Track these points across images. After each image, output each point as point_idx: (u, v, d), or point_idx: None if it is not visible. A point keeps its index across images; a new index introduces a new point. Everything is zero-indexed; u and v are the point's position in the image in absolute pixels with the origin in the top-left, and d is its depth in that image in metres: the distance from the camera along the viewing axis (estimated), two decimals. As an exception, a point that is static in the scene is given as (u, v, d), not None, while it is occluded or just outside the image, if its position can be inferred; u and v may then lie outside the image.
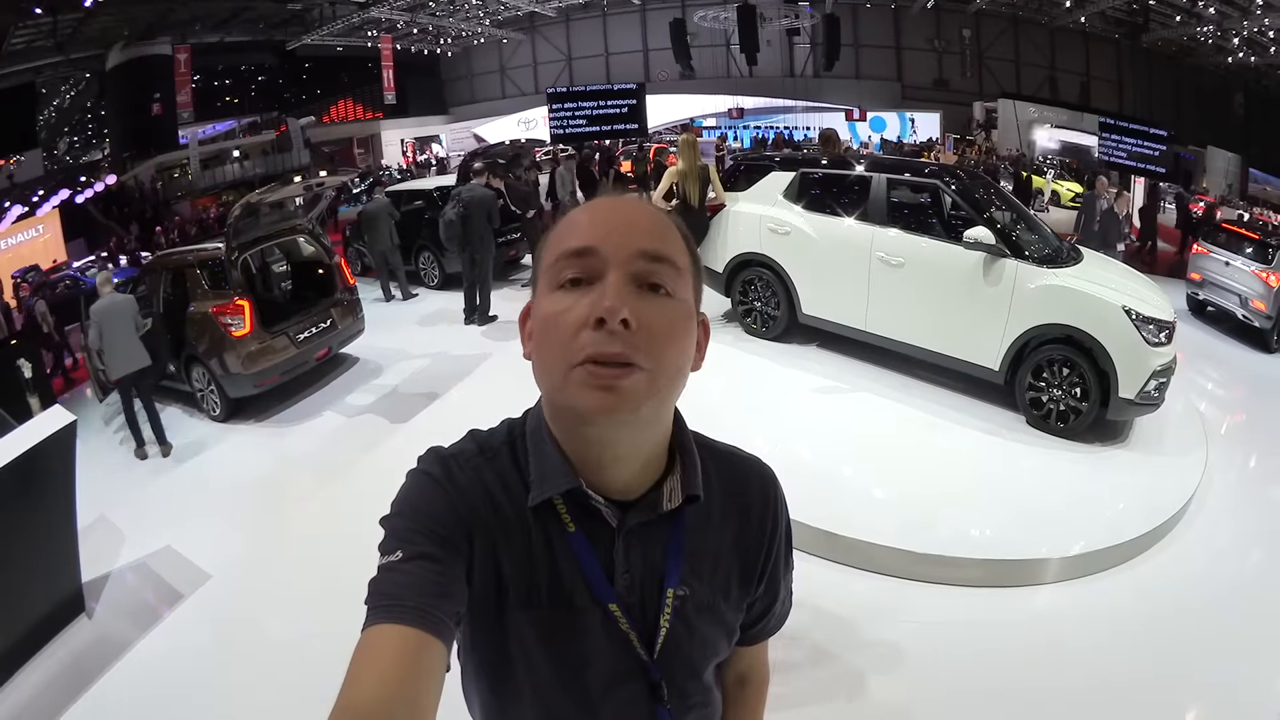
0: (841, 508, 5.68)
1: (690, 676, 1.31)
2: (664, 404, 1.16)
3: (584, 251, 1.10)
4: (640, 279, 1.10)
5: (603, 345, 1.05)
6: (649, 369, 1.07)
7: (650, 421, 1.16)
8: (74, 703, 4.69)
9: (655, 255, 1.11)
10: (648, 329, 1.07)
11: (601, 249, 1.10)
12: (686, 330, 1.15)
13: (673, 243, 1.16)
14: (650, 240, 1.12)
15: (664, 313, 1.10)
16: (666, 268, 1.12)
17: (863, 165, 8.42)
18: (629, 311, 1.05)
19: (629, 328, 1.05)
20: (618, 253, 1.09)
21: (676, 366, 1.12)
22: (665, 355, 1.09)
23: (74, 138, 34.15)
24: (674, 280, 1.13)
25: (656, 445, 1.22)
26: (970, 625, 4.95)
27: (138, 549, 6.31)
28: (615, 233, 1.11)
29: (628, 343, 1.05)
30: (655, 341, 1.08)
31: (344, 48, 36.60)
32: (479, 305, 11.25)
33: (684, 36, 33.93)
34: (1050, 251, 7.19)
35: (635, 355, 1.05)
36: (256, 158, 36.77)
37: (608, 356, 1.05)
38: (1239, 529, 6.18)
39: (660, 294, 1.11)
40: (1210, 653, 4.74)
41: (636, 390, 1.06)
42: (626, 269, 1.09)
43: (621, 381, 1.05)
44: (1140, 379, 6.48)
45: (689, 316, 1.16)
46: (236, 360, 8.32)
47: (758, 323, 8.83)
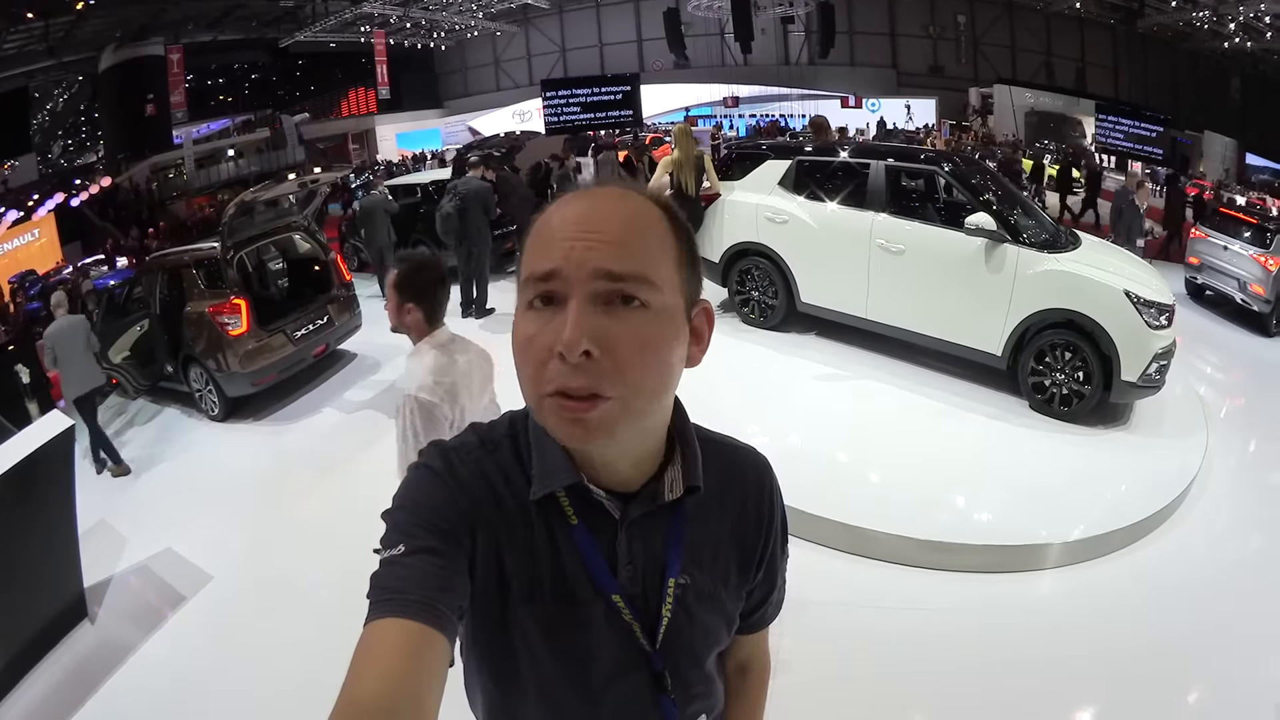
0: (844, 495, 5.71)
1: (692, 665, 1.32)
2: (644, 421, 1.13)
3: (547, 275, 1.05)
4: (606, 297, 1.05)
5: (566, 379, 1.02)
6: (618, 395, 1.04)
7: (635, 433, 1.13)
8: (80, 708, 4.70)
9: (617, 274, 1.05)
10: (613, 354, 1.03)
11: (563, 270, 1.05)
12: (664, 342, 1.09)
13: (644, 249, 1.09)
14: (613, 256, 1.05)
15: (634, 331, 1.05)
16: (632, 283, 1.05)
17: (846, 151, 8.45)
18: (590, 341, 1.01)
19: (591, 358, 1.02)
20: (577, 273, 1.04)
21: (652, 385, 1.09)
22: (636, 377, 1.05)
23: (68, 141, 34.10)
24: (647, 292, 1.07)
25: (653, 441, 1.22)
26: (972, 611, 4.96)
27: (139, 552, 6.30)
28: (577, 249, 1.05)
29: (592, 374, 1.02)
30: (623, 366, 1.04)
31: (337, 44, 36.51)
32: (476, 298, 11.23)
33: (678, 26, 33.86)
34: (1049, 236, 7.19)
35: (601, 385, 1.03)
36: (251, 156, 36.74)
37: (572, 390, 1.03)
38: (1239, 514, 6.19)
39: (633, 306, 1.06)
40: (1210, 637, 4.75)
41: (606, 420, 1.05)
42: (587, 290, 1.04)
43: (589, 414, 1.04)
44: (1142, 362, 6.52)
45: (669, 324, 1.10)
46: (234, 359, 8.30)
47: (755, 312, 8.84)
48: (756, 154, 8.95)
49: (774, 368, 7.87)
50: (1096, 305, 6.59)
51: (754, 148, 9.63)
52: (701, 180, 8.66)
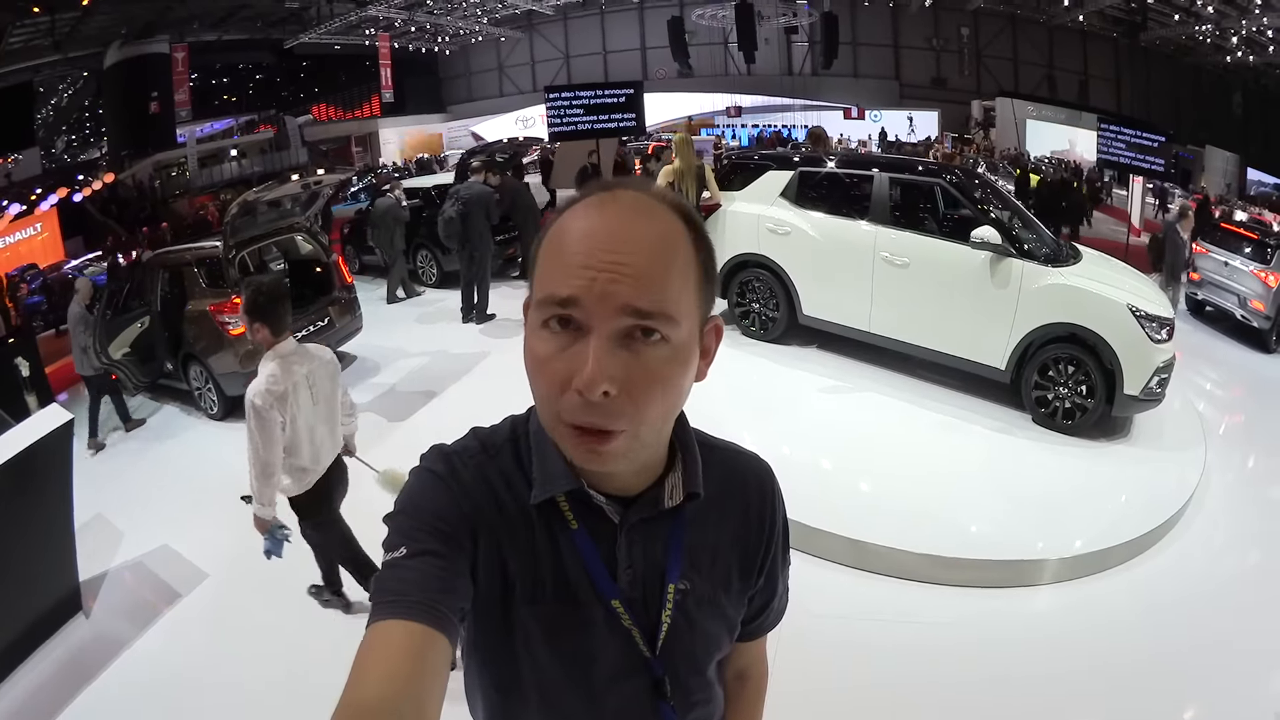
0: (843, 508, 5.71)
1: (693, 672, 1.31)
2: (651, 445, 1.13)
3: (568, 302, 1.00)
4: (628, 332, 1.01)
5: (580, 416, 1.02)
6: (631, 430, 1.04)
7: (642, 453, 1.12)
8: (72, 701, 4.68)
9: (644, 312, 1.00)
10: (630, 391, 1.01)
11: (585, 302, 1.00)
12: (679, 378, 1.08)
13: (668, 282, 1.03)
14: (640, 291, 1.00)
15: (650, 366, 1.03)
16: (658, 320, 1.01)
17: (850, 164, 8.47)
18: (609, 383, 0.99)
19: (609, 397, 0.99)
20: (600, 308, 0.99)
21: (661, 415, 1.08)
22: (649, 410, 1.04)
23: (71, 136, 34.18)
24: (669, 328, 1.03)
25: (654, 450, 1.21)
26: (970, 626, 4.96)
27: (135, 547, 6.29)
28: (600, 280, 0.99)
29: (608, 412, 1.01)
30: (638, 401, 1.02)
31: (341, 46, 36.58)
32: (477, 303, 11.24)
33: (682, 35, 33.97)
34: (1051, 250, 7.20)
35: (616, 422, 1.02)
36: (254, 156, 36.80)
37: (588, 425, 1.02)
38: (1237, 529, 6.19)
39: (653, 340, 1.02)
40: (1209, 652, 4.75)
41: (620, 450, 1.05)
42: (610, 328, 1.00)
43: (606, 446, 1.03)
44: (1144, 375, 6.56)
45: (685, 358, 1.08)
46: (234, 358, 8.29)
47: (756, 325, 8.82)
48: (757, 164, 8.95)
49: (775, 380, 7.87)
50: (1100, 319, 6.62)
51: (755, 158, 9.61)
52: (702, 190, 8.63)
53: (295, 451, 4.39)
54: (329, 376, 4.54)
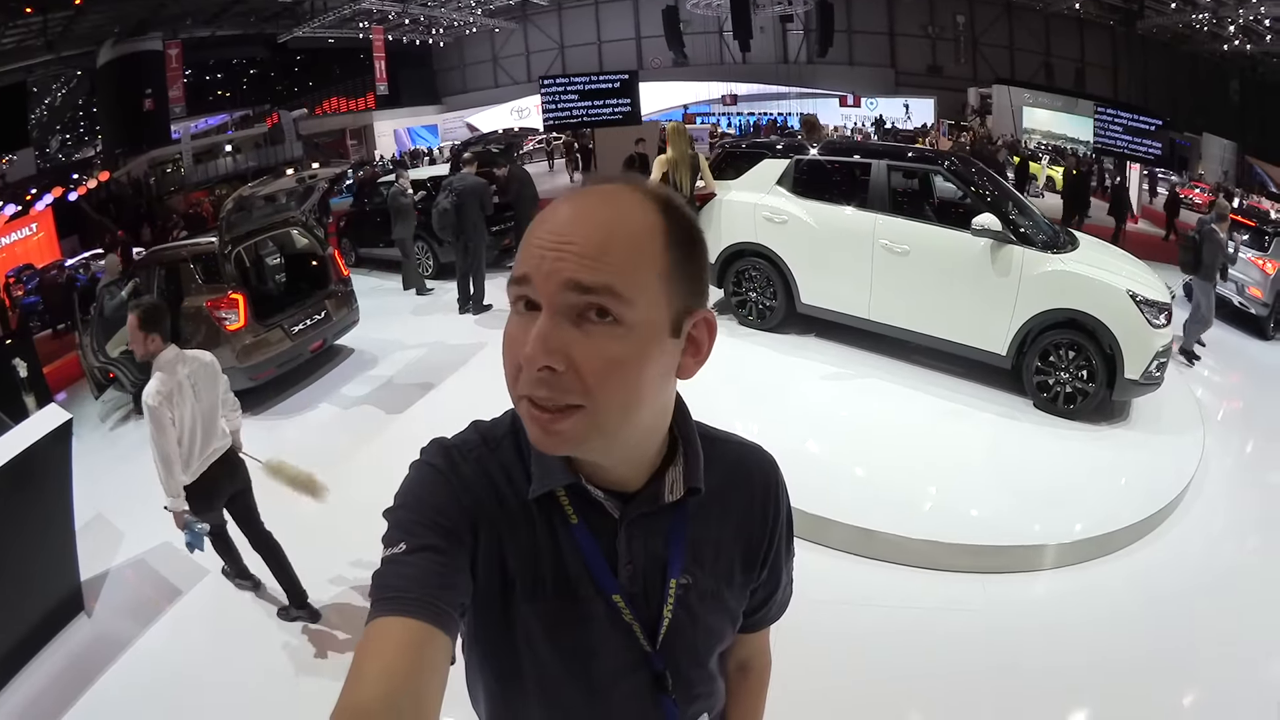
0: (843, 495, 5.73)
1: (694, 665, 1.31)
2: (618, 436, 1.09)
3: (521, 281, 1.04)
4: (578, 310, 1.01)
5: (533, 389, 1.02)
6: (590, 407, 1.02)
7: (612, 446, 1.12)
8: (76, 701, 4.69)
9: (586, 286, 1.00)
10: (578, 369, 1.01)
11: (534, 279, 1.02)
12: (635, 360, 1.04)
13: (619, 261, 1.02)
14: (583, 267, 1.00)
15: (602, 347, 1.01)
16: (603, 296, 1.00)
17: (846, 151, 8.47)
18: (550, 357, 0.99)
19: (555, 373, 1.00)
20: (545, 285, 1.01)
21: (620, 403, 1.05)
22: (603, 394, 1.02)
23: (66, 135, 34.05)
24: (619, 306, 1.01)
25: (649, 445, 1.20)
26: (971, 612, 4.97)
27: (136, 546, 6.29)
28: (548, 259, 1.01)
29: (556, 386, 1.01)
30: (588, 382, 1.01)
31: (335, 39, 36.49)
32: (474, 294, 11.24)
33: (677, 24, 33.83)
34: (1050, 236, 7.22)
35: (568, 397, 1.01)
36: (249, 151, 36.72)
37: (537, 400, 1.02)
38: (1236, 515, 6.22)
39: (606, 321, 1.01)
40: (1208, 639, 4.76)
41: (575, 432, 1.03)
42: (556, 303, 1.01)
43: (557, 425, 1.03)
44: (1144, 360, 6.63)
45: (643, 340, 1.04)
46: (231, 354, 8.27)
47: (753, 314, 8.83)
48: (752, 152, 8.93)
49: (774, 369, 7.87)
50: (1101, 305, 6.68)
51: (735, 147, 9.60)
52: (696, 180, 8.61)
53: (187, 448, 4.83)
54: (210, 377, 5.04)
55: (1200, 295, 9.34)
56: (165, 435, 4.65)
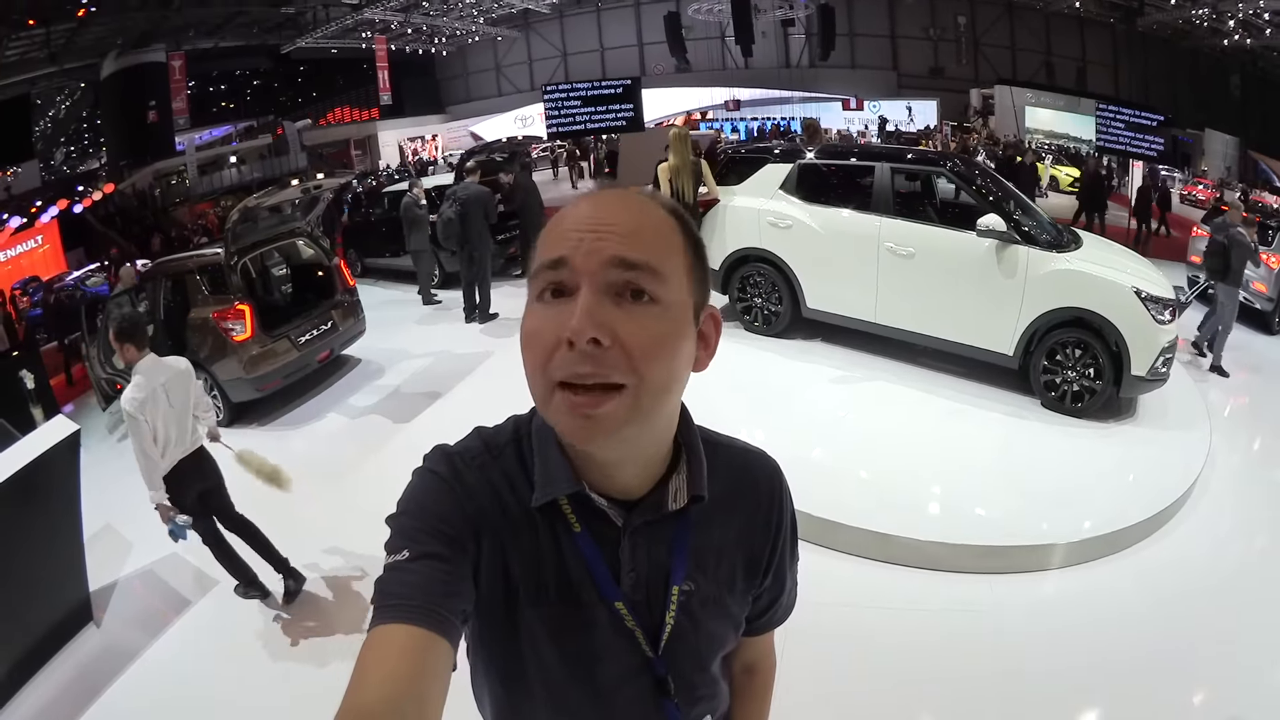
0: (853, 498, 5.73)
1: (696, 670, 1.32)
2: (650, 421, 1.11)
3: (556, 263, 1.05)
4: (617, 289, 1.04)
5: (574, 366, 1.01)
6: (630, 385, 1.03)
7: (640, 435, 1.12)
8: (84, 712, 4.70)
9: (629, 262, 1.04)
10: (623, 345, 1.02)
11: (572, 259, 1.04)
12: (674, 338, 1.08)
13: (654, 243, 1.08)
14: (625, 245, 1.05)
15: (644, 325, 1.04)
16: (644, 274, 1.04)
17: (850, 155, 8.48)
18: (599, 330, 1.00)
19: (600, 346, 1.00)
20: (588, 263, 1.03)
21: (662, 380, 1.07)
22: (645, 369, 1.03)
23: (70, 148, 34.18)
24: (657, 285, 1.06)
25: (659, 447, 1.21)
26: (977, 612, 4.96)
27: (144, 556, 6.30)
28: (588, 239, 1.05)
29: (601, 362, 1.01)
30: (633, 356, 1.02)
31: (338, 50, 36.56)
32: (479, 303, 11.25)
33: (679, 30, 33.91)
34: (1053, 236, 7.22)
35: (612, 374, 1.01)
36: (253, 162, 36.79)
37: (580, 378, 1.01)
38: (1243, 513, 6.21)
39: (644, 301, 1.05)
40: (1215, 638, 4.75)
41: (615, 415, 1.03)
42: (599, 280, 1.03)
43: (598, 409, 1.02)
44: (1151, 356, 6.65)
45: (679, 320, 1.09)
46: (238, 365, 8.31)
47: (758, 320, 8.80)
48: (755, 158, 8.93)
49: (781, 374, 7.86)
50: (1107, 303, 6.69)
51: (749, 151, 9.56)
52: (699, 186, 8.58)
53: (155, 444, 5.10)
54: (183, 383, 5.37)
55: (1226, 301, 9.11)
56: (143, 437, 4.97)
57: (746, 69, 36.39)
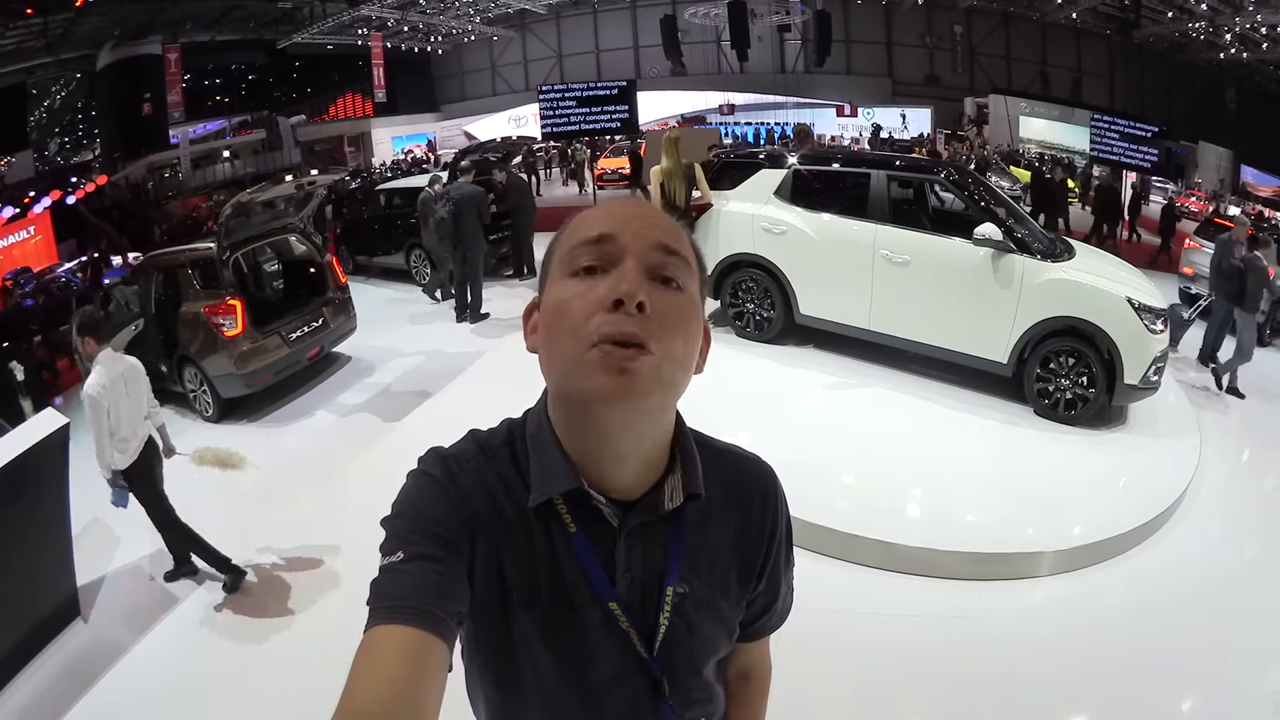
0: (845, 505, 5.77)
1: (691, 673, 1.31)
2: (669, 395, 1.15)
3: (603, 238, 1.13)
4: (655, 271, 1.12)
5: (619, 325, 1.06)
6: (658, 354, 1.07)
7: (655, 414, 1.16)
8: (71, 707, 4.68)
9: (670, 249, 1.14)
10: (660, 315, 1.08)
11: (620, 237, 1.12)
12: (695, 322, 1.16)
13: (684, 242, 1.19)
14: (666, 235, 1.15)
15: (675, 303, 1.12)
16: (679, 261, 1.15)
17: (845, 161, 8.48)
18: (645, 296, 1.07)
19: (644, 311, 1.07)
20: (636, 242, 1.12)
21: (684, 356, 1.13)
22: (675, 343, 1.10)
23: (65, 138, 34.10)
24: (685, 275, 1.15)
25: (658, 444, 1.22)
26: (968, 618, 4.97)
27: (132, 552, 6.28)
28: (633, 224, 1.14)
29: (643, 325, 1.06)
30: (666, 328, 1.09)
31: (334, 46, 36.52)
32: (471, 303, 11.23)
33: (675, 33, 33.93)
34: (1045, 246, 7.24)
35: (649, 339, 1.06)
36: (247, 157, 36.73)
37: (624, 336, 1.05)
38: (1232, 521, 6.24)
39: (672, 287, 1.13)
40: (1204, 646, 4.77)
41: (647, 374, 1.06)
42: (644, 258, 1.12)
43: (634, 363, 1.05)
44: (1144, 365, 6.70)
45: (697, 311, 1.18)
46: (229, 360, 8.29)
47: (750, 326, 8.77)
48: (748, 163, 8.92)
49: (775, 379, 7.85)
50: (1101, 312, 6.74)
51: (745, 156, 9.50)
52: (692, 190, 8.57)
53: (118, 431, 5.45)
54: (138, 378, 5.76)
55: (1244, 328, 8.88)
56: (101, 421, 5.31)
57: (742, 73, 36.42)
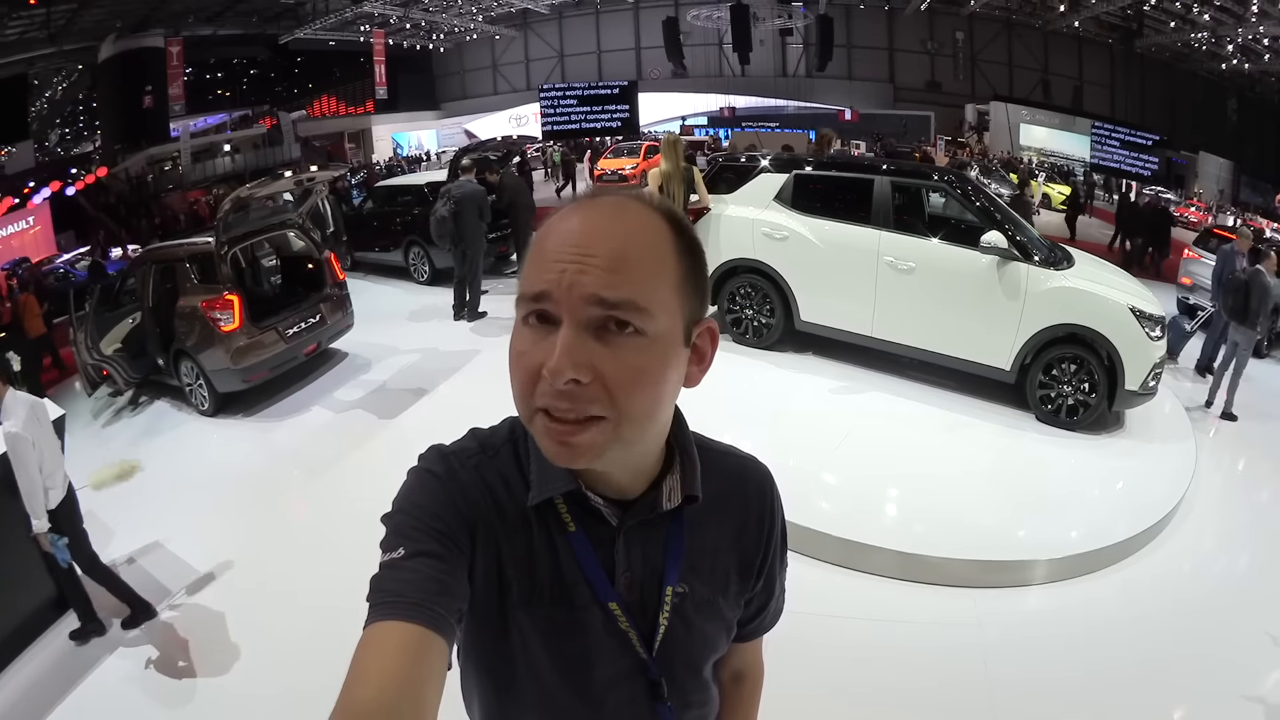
0: (842, 510, 5.77)
1: (690, 673, 1.31)
2: (634, 446, 1.11)
3: (539, 297, 1.03)
4: (599, 323, 1.02)
5: (554, 400, 1.02)
6: (613, 418, 1.03)
7: (625, 454, 1.11)
8: (62, 700, 4.68)
9: (610, 302, 1.01)
10: (603, 380, 1.02)
11: (554, 294, 1.02)
12: (658, 370, 1.07)
13: (639, 273, 1.04)
14: (605, 282, 1.01)
15: (625, 360, 1.03)
16: (625, 310, 1.02)
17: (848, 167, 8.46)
18: (577, 370, 0.99)
19: (580, 385, 1.00)
20: (568, 298, 1.01)
21: (644, 411, 1.07)
22: (626, 404, 1.03)
23: (65, 130, 34.11)
24: (641, 319, 1.03)
25: (649, 454, 1.21)
26: (961, 625, 4.96)
27: (126, 545, 6.27)
28: (570, 271, 1.02)
29: (580, 398, 1.01)
30: (614, 392, 1.02)
31: (336, 42, 36.55)
32: (469, 301, 11.22)
33: (677, 35, 34.01)
34: (1047, 254, 7.25)
35: (591, 408, 1.02)
36: (247, 151, 36.75)
37: (560, 411, 1.02)
38: (1226, 533, 6.26)
39: (628, 333, 1.03)
40: (1197, 655, 4.78)
41: (595, 443, 1.03)
42: (580, 317, 1.02)
43: (577, 437, 1.03)
44: (1144, 371, 6.79)
45: (663, 351, 1.07)
46: (225, 355, 8.27)
47: (749, 332, 8.71)
48: (747, 167, 8.89)
49: (772, 386, 7.82)
50: (1104, 320, 6.81)
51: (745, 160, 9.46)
52: (690, 194, 8.51)
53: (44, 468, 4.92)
54: (45, 412, 5.20)
55: (1243, 344, 8.65)
56: (29, 462, 4.78)
57: (743, 77, 36.51)
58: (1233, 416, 8.48)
